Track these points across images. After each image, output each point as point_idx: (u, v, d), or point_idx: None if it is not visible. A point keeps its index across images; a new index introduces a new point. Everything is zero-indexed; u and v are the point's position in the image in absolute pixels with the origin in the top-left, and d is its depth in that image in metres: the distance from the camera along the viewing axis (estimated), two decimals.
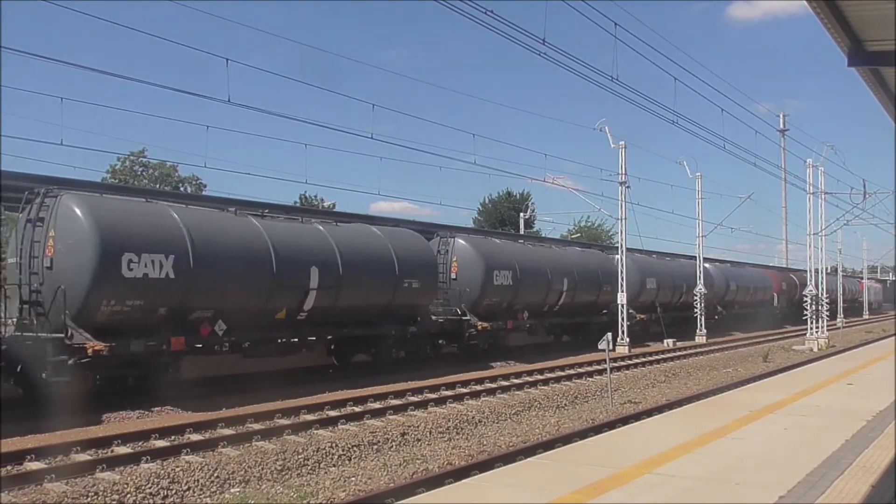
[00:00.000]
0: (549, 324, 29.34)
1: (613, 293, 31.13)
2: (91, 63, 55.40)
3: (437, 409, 15.89)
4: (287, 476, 10.82)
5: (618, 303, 30.90)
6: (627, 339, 30.28)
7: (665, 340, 33.58)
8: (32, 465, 10.68)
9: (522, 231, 49.90)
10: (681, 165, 37.88)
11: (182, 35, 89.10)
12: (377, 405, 15.94)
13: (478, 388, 18.64)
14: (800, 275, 52.90)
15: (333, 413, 14.89)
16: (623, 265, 31.31)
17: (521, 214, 53.22)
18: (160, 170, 50.09)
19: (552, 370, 22.64)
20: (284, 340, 18.58)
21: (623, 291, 31.01)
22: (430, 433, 13.64)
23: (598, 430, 13.07)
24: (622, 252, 31.80)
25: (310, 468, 11.27)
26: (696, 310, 37.97)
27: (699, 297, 38.12)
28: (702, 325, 37.77)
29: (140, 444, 12.10)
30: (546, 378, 20.95)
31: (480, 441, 13.22)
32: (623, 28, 22.02)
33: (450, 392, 18.02)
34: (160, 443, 12.24)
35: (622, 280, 31.05)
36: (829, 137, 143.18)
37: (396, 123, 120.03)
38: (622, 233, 32.45)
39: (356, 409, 15.29)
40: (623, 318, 30.67)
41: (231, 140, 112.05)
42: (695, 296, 38.25)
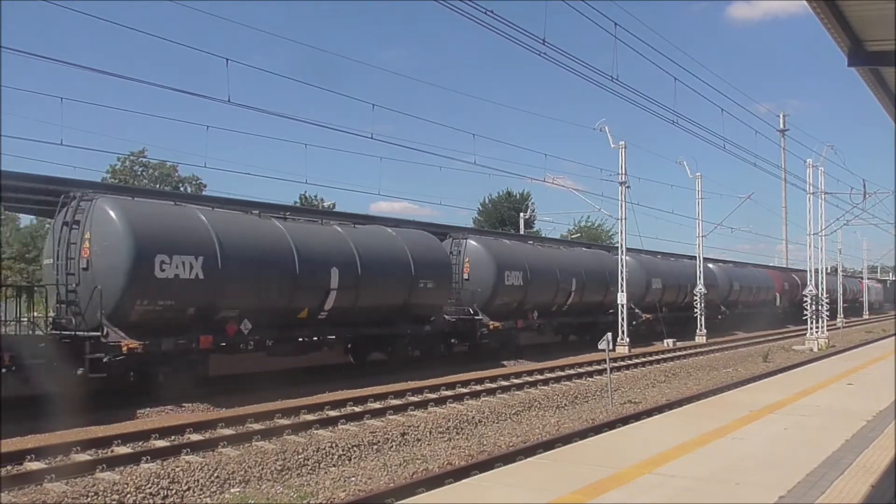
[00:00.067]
0: (558, 323, 29.56)
1: None
2: (91, 63, 55.48)
3: (437, 409, 15.90)
4: (287, 476, 10.83)
5: (619, 303, 30.96)
6: (627, 340, 30.34)
7: (665, 340, 33.59)
8: (32, 465, 10.69)
9: (522, 231, 49.89)
10: (681, 165, 37.96)
11: (182, 35, 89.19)
12: (377, 405, 15.95)
13: (478, 388, 18.66)
14: (802, 275, 52.78)
15: (333, 413, 14.90)
16: (623, 265, 31.36)
17: (521, 214, 53.22)
18: (160, 170, 50.12)
19: (552, 370, 22.66)
20: (306, 339, 19.00)
21: (623, 291, 31.06)
22: (430, 433, 13.64)
23: (598, 430, 13.07)
24: (622, 252, 31.90)
25: (310, 468, 11.27)
26: (697, 310, 37.99)
27: (699, 297, 38.15)
28: (702, 325, 37.80)
29: (140, 444, 12.12)
30: (546, 378, 20.97)
31: (480, 441, 13.21)
32: (623, 28, 22.02)
33: (450, 392, 18.04)
34: (160, 443, 12.25)
35: (622, 280, 31.09)
36: (829, 137, 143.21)
37: (396, 123, 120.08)
38: (622, 233, 32.53)
39: (356, 409, 15.31)
40: (623, 318, 30.73)
41: (231, 140, 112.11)
42: (695, 296, 38.32)
